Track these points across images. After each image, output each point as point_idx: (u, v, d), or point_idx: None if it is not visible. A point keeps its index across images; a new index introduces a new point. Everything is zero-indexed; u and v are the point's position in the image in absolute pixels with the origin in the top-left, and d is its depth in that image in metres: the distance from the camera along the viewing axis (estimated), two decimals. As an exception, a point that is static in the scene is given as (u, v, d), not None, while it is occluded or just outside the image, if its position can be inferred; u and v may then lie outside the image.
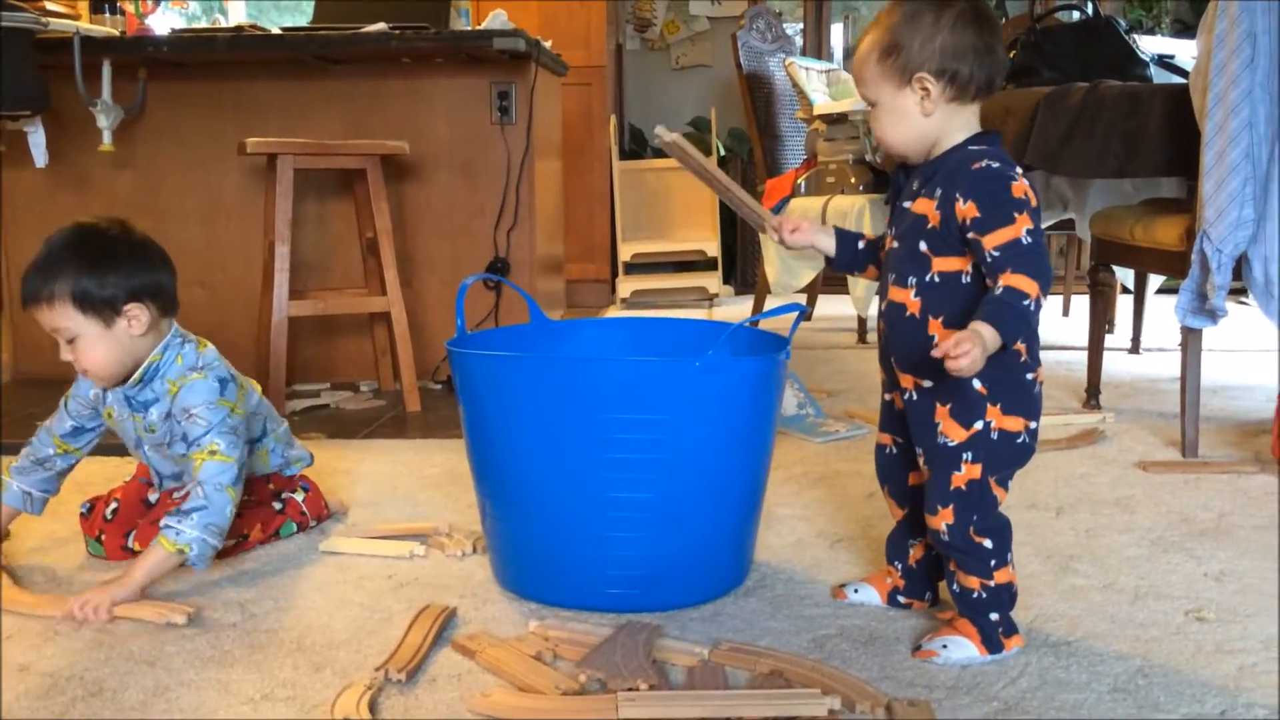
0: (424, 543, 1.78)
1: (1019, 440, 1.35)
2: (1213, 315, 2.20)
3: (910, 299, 1.35)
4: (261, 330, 2.91)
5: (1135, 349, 3.48)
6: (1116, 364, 3.29)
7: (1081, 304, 3.64)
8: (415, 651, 1.36)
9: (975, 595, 1.37)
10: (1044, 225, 3.54)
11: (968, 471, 1.34)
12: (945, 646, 1.36)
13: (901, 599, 1.52)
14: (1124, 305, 3.85)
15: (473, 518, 1.70)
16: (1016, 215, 1.24)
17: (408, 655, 1.35)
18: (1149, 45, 3.02)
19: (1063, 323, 4.23)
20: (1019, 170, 1.28)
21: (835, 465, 2.24)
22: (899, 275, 1.36)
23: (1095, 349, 2.74)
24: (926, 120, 1.32)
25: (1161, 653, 1.38)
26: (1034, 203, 1.26)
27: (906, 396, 1.40)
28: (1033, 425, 1.36)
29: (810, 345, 3.65)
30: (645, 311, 4.58)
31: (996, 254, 1.24)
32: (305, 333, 3.15)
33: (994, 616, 1.36)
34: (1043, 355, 1.39)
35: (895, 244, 1.38)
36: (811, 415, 2.61)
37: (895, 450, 1.49)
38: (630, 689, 1.25)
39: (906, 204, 1.36)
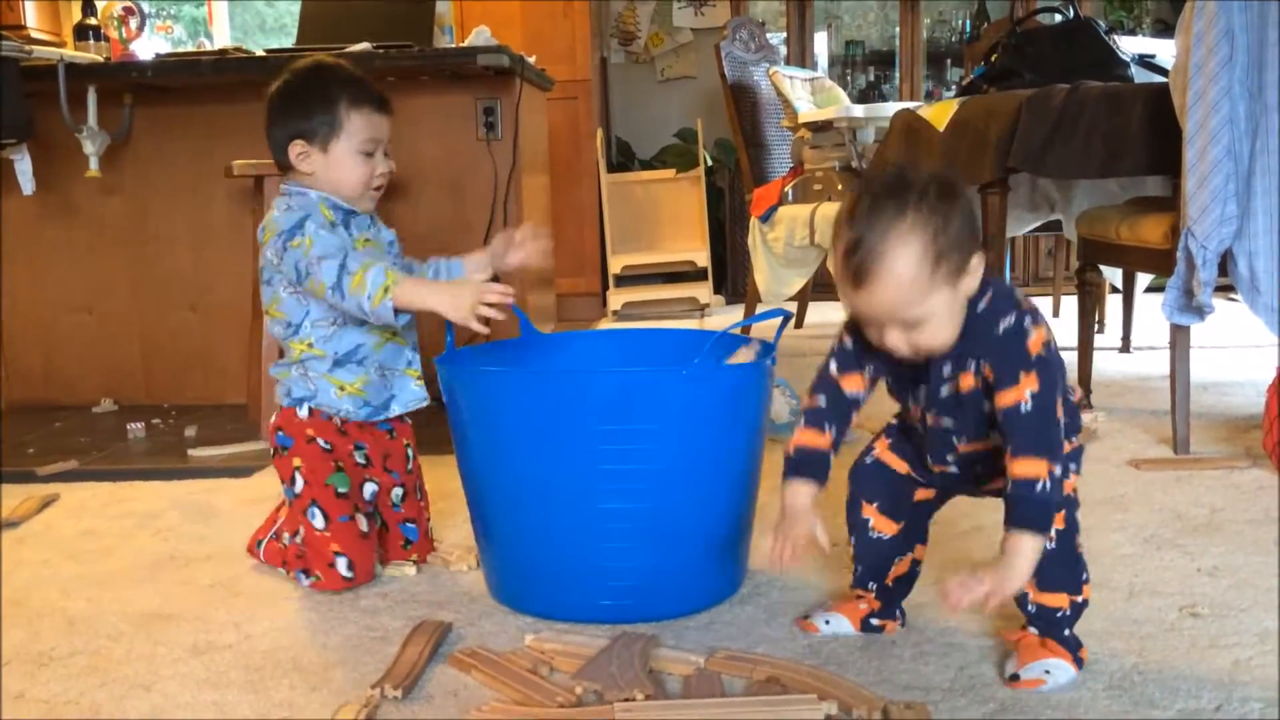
0: (421, 561, 1.79)
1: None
2: (1200, 312, 2.21)
3: (994, 440, 1.29)
4: (252, 352, 2.90)
5: (1125, 348, 3.49)
6: (1107, 363, 3.30)
7: (1070, 304, 3.65)
8: (411, 668, 1.36)
9: (1060, 614, 1.30)
10: (1031, 227, 3.58)
11: (1073, 479, 1.31)
12: (1049, 672, 1.29)
13: (875, 622, 1.46)
14: (1114, 304, 3.86)
15: (468, 533, 1.70)
16: (1023, 375, 1.21)
17: (404, 672, 1.35)
18: (1130, 45, 3.04)
19: (1052, 323, 4.22)
20: (1029, 312, 1.24)
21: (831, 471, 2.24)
22: (973, 434, 1.32)
23: (1085, 348, 2.75)
24: (968, 298, 1.25)
25: (1156, 649, 1.38)
26: (1051, 348, 1.23)
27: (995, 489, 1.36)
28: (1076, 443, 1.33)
29: (802, 352, 3.65)
30: (637, 323, 4.59)
31: (1001, 418, 1.22)
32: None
33: (1067, 633, 1.32)
34: None
35: (943, 419, 1.32)
36: (804, 422, 2.60)
37: (910, 476, 1.42)
38: (627, 699, 1.25)
39: (945, 390, 1.29)
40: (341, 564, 1.66)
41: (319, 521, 1.67)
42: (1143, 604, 1.53)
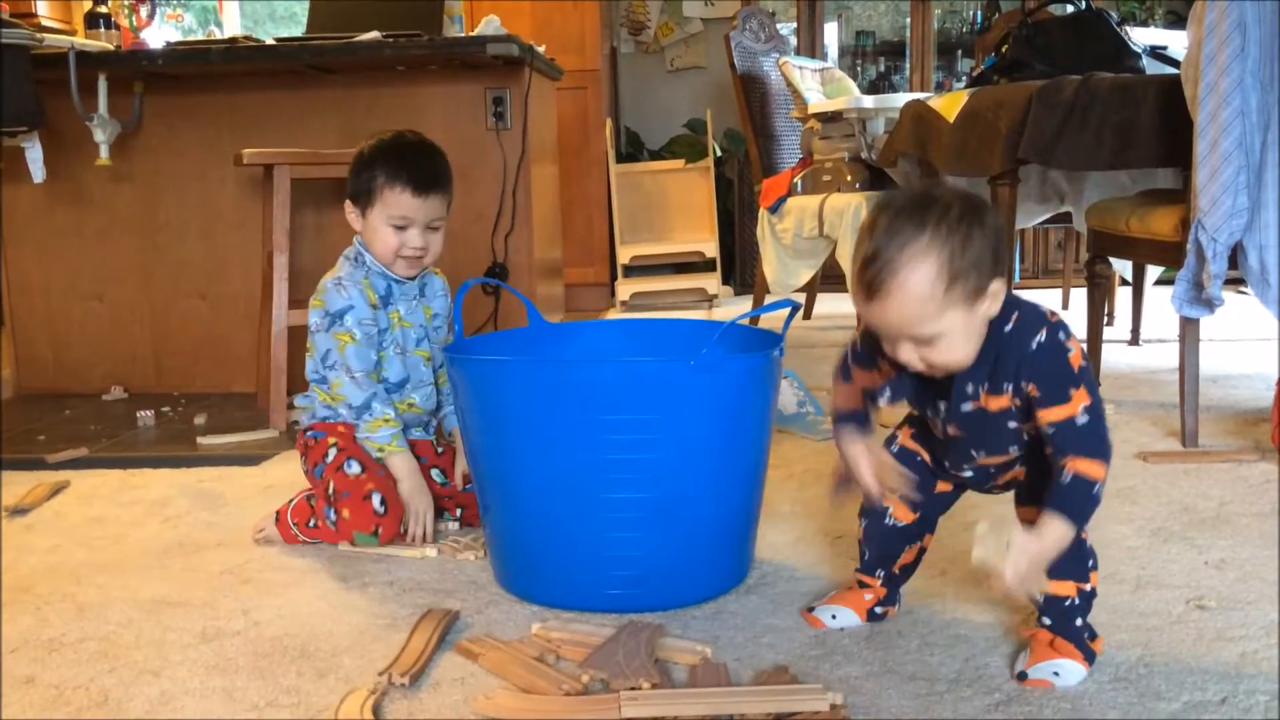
0: (435, 547, 1.80)
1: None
2: (1209, 305, 2.20)
3: (1013, 453, 1.33)
4: (262, 340, 2.92)
5: (1135, 340, 3.49)
6: (1116, 355, 3.29)
7: (1080, 296, 3.64)
8: (419, 656, 1.36)
9: (1068, 603, 1.30)
10: (1041, 219, 3.57)
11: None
12: (1056, 674, 1.28)
13: (879, 610, 1.47)
14: (1123, 297, 3.85)
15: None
16: (1073, 392, 1.22)
17: (411, 659, 1.35)
18: (1141, 37, 3.02)
19: (1062, 315, 4.22)
20: (1060, 326, 1.25)
21: (836, 462, 2.24)
22: (993, 448, 1.33)
23: (1094, 341, 2.75)
24: (987, 322, 1.25)
25: (1163, 641, 1.38)
26: (1087, 360, 1.25)
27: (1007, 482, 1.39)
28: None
29: (810, 343, 3.65)
30: (645, 313, 4.58)
31: (1051, 431, 1.23)
32: (305, 342, 3.15)
33: (1079, 623, 1.31)
34: None
35: (964, 431, 1.33)
36: (811, 413, 2.61)
37: (928, 462, 1.43)
38: (633, 688, 1.25)
39: (968, 406, 1.30)
40: (375, 499, 1.76)
41: (355, 469, 1.80)
42: (1150, 596, 1.53)
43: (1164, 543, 1.74)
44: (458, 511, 1.93)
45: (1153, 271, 3.44)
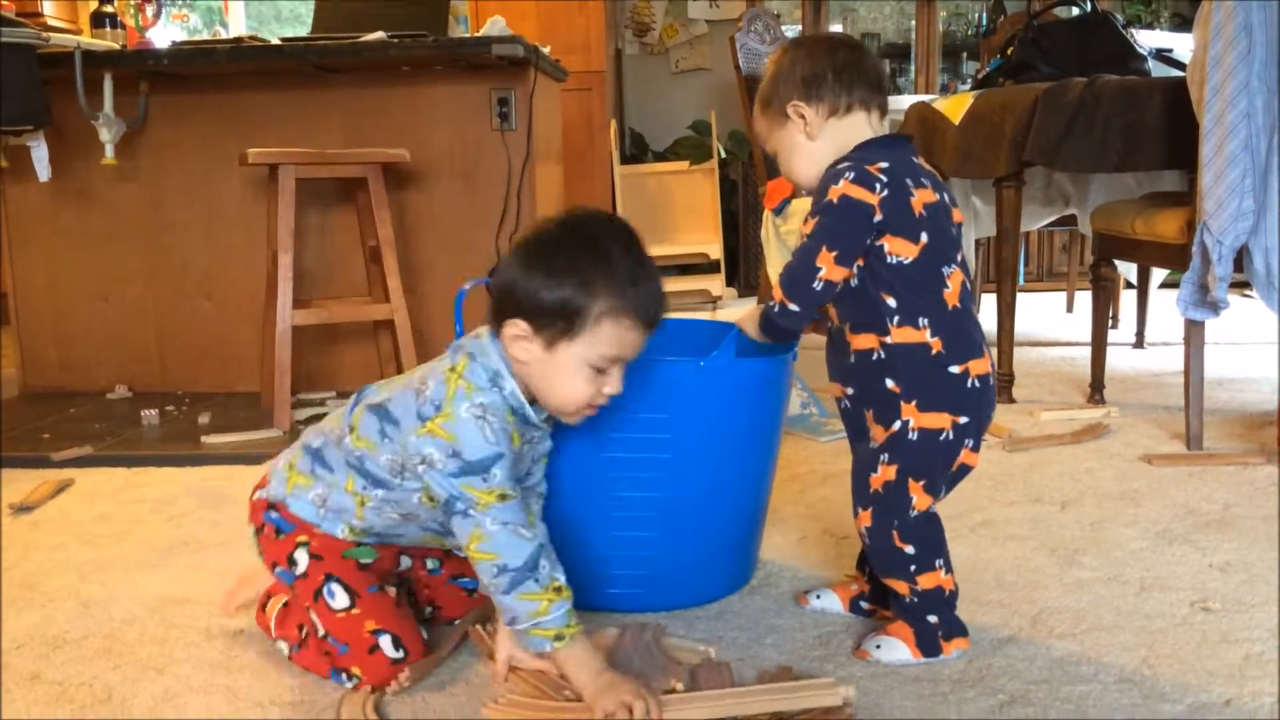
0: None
1: (942, 438, 1.31)
2: (1214, 307, 2.20)
3: (831, 310, 1.39)
4: (266, 340, 2.92)
5: (1139, 343, 3.48)
6: (1121, 358, 3.29)
7: (1085, 299, 3.64)
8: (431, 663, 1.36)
9: (905, 600, 1.35)
10: (1046, 221, 3.57)
11: (883, 473, 1.32)
12: (879, 647, 1.35)
13: (864, 605, 1.49)
14: (1128, 300, 3.85)
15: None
16: (808, 220, 1.32)
17: (426, 665, 1.35)
18: (1147, 40, 3.02)
19: (1067, 318, 4.22)
20: (858, 170, 1.30)
21: (840, 464, 2.25)
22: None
23: (1099, 343, 2.74)
24: (816, 144, 1.38)
25: (1167, 643, 1.38)
26: (852, 203, 1.28)
27: (842, 405, 1.42)
28: (962, 420, 1.31)
29: (813, 345, 3.65)
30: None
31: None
32: (309, 341, 3.16)
33: (932, 619, 1.34)
34: (1047, 350, 1.39)
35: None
36: (815, 415, 2.61)
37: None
38: (666, 691, 1.24)
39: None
40: (386, 642, 1.30)
41: (341, 600, 1.32)
42: (1154, 598, 1.52)
43: (1169, 545, 1.73)
44: (427, 610, 1.50)
45: (1158, 274, 3.43)
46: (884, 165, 1.30)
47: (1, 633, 1.51)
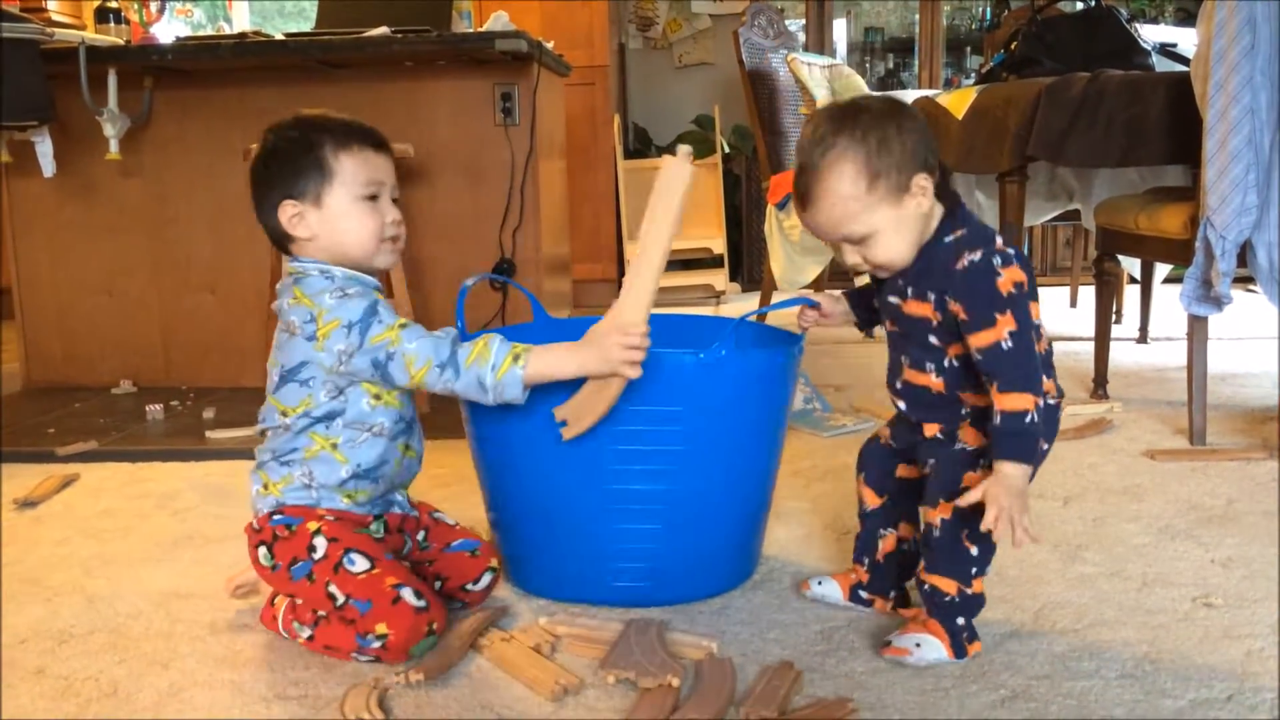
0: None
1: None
2: (1218, 303, 2.20)
3: (933, 380, 1.36)
4: (270, 334, 2.92)
5: (1143, 338, 3.48)
6: (1124, 353, 3.29)
7: (1088, 294, 3.64)
8: (449, 657, 1.36)
9: (948, 599, 1.34)
10: (1050, 216, 3.57)
11: (982, 474, 1.31)
12: (919, 645, 1.34)
13: (864, 594, 1.50)
14: (1132, 295, 3.84)
15: (481, 517, 1.71)
16: (999, 316, 1.24)
17: (444, 661, 1.35)
18: (1151, 34, 3.02)
19: (1070, 313, 4.22)
20: (1000, 253, 1.26)
21: (843, 459, 2.25)
22: (914, 360, 1.37)
23: (1102, 338, 2.74)
24: (924, 219, 1.31)
25: (1169, 639, 1.38)
26: (1024, 288, 1.25)
27: (932, 436, 1.39)
28: (1045, 447, 1.33)
29: (817, 340, 3.65)
30: (653, 309, 4.57)
31: (980, 358, 1.26)
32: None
33: (961, 621, 1.35)
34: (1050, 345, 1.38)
35: (896, 328, 1.39)
36: (819, 409, 2.61)
37: (890, 444, 1.48)
38: (661, 685, 1.25)
39: (894, 300, 1.36)
40: (408, 593, 1.34)
41: (361, 564, 1.37)
42: (1156, 593, 1.53)
43: (1171, 540, 1.74)
44: (437, 584, 1.53)
45: (1161, 269, 3.43)
46: (997, 236, 1.30)
47: (1, 628, 1.52)
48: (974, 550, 1.34)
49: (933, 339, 1.34)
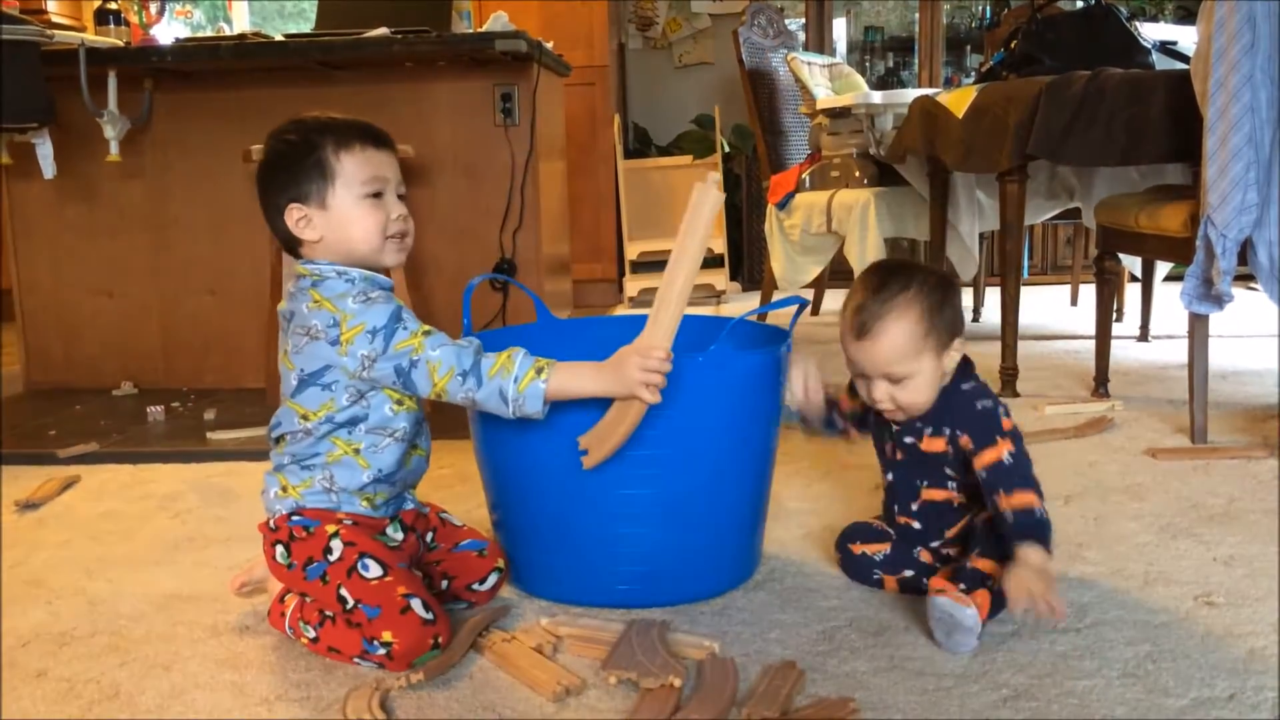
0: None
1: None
2: (1218, 301, 2.20)
3: (955, 494, 1.52)
4: (271, 336, 2.92)
5: (1144, 336, 3.48)
6: (1125, 352, 3.28)
7: (1089, 293, 3.63)
8: (450, 658, 1.36)
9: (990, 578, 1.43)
10: (1050, 215, 3.57)
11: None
12: (965, 593, 1.38)
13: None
14: (1132, 293, 3.84)
15: (483, 517, 1.71)
16: (1000, 439, 1.44)
17: (445, 662, 1.35)
18: (1151, 32, 3.02)
19: (1071, 311, 4.22)
20: (1004, 407, 1.48)
21: (843, 458, 2.25)
22: (933, 481, 1.53)
23: (1103, 337, 2.74)
24: (946, 376, 1.50)
25: (1171, 638, 1.38)
26: (1018, 432, 1.47)
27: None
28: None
29: (817, 340, 3.65)
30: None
31: (985, 474, 1.44)
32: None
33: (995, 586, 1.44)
34: (1052, 343, 1.44)
35: (905, 457, 1.55)
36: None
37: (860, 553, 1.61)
38: (663, 685, 1.25)
39: (910, 440, 1.52)
40: (417, 604, 1.34)
41: (375, 570, 1.37)
42: (1158, 592, 1.53)
43: (1172, 539, 1.74)
44: (444, 583, 1.54)
45: (1162, 267, 3.43)
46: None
47: (2, 630, 1.52)
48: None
49: (949, 470, 1.51)
